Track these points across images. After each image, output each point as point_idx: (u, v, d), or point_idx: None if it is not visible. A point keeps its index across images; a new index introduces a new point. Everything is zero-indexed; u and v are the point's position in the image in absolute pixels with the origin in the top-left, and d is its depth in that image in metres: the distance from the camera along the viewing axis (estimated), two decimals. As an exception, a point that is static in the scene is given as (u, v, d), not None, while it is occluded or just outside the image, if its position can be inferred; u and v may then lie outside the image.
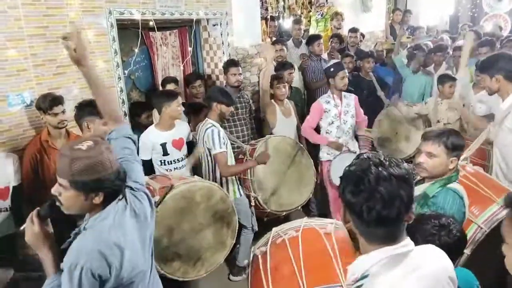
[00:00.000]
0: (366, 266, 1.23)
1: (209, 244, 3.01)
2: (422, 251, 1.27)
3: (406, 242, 1.24)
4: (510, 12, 9.42)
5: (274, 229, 2.33)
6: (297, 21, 6.00)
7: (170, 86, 4.09)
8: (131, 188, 1.79)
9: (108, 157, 1.57)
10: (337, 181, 4.01)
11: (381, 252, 1.21)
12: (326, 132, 4.10)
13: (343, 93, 4.08)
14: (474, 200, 2.43)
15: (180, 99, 3.44)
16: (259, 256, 2.15)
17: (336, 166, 3.98)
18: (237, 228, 3.18)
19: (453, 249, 1.63)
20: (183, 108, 3.47)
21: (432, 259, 1.27)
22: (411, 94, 5.26)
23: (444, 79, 4.38)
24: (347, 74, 4.12)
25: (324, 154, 4.18)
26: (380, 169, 1.19)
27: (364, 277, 1.22)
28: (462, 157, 3.08)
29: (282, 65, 4.64)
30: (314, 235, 2.10)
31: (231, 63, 4.30)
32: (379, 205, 1.16)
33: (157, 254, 2.71)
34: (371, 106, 5.06)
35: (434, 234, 1.69)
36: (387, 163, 1.22)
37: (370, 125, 4.94)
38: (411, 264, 1.21)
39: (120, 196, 1.66)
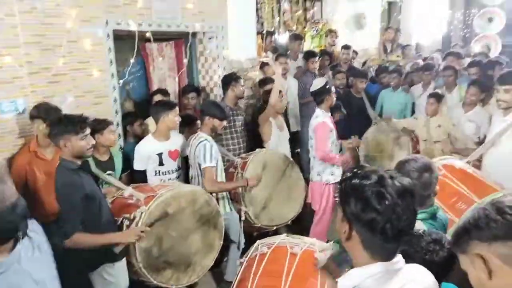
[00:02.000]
0: (359, 280, 1.23)
1: (198, 248, 3.03)
2: (410, 269, 1.30)
3: (399, 259, 1.26)
4: (500, 33, 9.62)
5: (258, 241, 2.38)
6: (299, 37, 6.09)
7: (157, 98, 4.08)
8: None
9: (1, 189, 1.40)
10: None
11: (375, 267, 1.22)
12: None
13: None
14: (478, 188, 2.82)
15: (177, 110, 3.46)
16: (239, 267, 2.27)
17: None
18: (223, 229, 3.20)
19: (449, 262, 1.62)
20: (180, 119, 3.49)
21: (420, 277, 1.29)
22: (392, 112, 5.35)
23: (428, 96, 4.54)
24: None
25: (329, 177, 3.95)
26: (396, 182, 1.19)
27: None
28: (465, 160, 3.36)
29: (264, 81, 4.73)
30: (281, 254, 2.17)
31: (237, 76, 4.38)
32: (401, 220, 1.16)
33: (149, 264, 2.74)
34: (361, 123, 5.13)
35: (431, 250, 1.66)
36: (395, 175, 1.22)
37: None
38: (401, 280, 1.23)
39: (21, 234, 1.49)
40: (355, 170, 1.27)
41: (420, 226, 1.94)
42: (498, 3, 9.38)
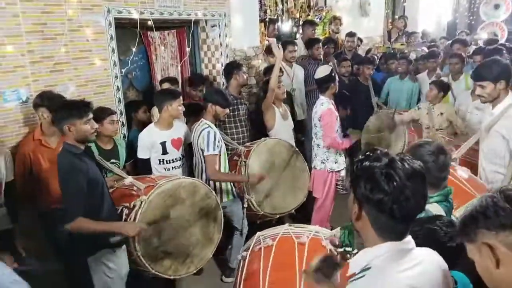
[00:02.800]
0: (369, 259, 1.25)
1: (197, 240, 3.04)
2: (422, 251, 1.30)
3: (409, 239, 1.27)
4: (507, 21, 9.49)
5: (258, 233, 2.36)
6: (314, 24, 6.05)
7: (165, 86, 4.09)
8: None
9: None
10: None
11: (385, 247, 1.24)
12: None
13: None
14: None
15: (181, 99, 3.45)
16: (241, 261, 2.24)
17: None
18: (222, 222, 3.20)
19: (459, 249, 1.57)
20: (184, 108, 3.48)
21: (431, 259, 1.30)
22: (398, 101, 5.30)
23: (430, 83, 4.51)
24: None
25: (333, 165, 3.95)
26: (406, 165, 1.20)
27: (366, 269, 1.24)
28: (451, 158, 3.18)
29: (269, 69, 4.64)
30: (288, 245, 2.15)
31: (238, 63, 4.35)
32: (410, 202, 1.17)
33: (147, 253, 2.74)
34: (367, 111, 5.10)
35: (452, 236, 1.58)
36: (407, 158, 1.23)
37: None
38: (412, 260, 1.24)
39: None
40: (367, 153, 1.28)
41: (437, 208, 1.94)
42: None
